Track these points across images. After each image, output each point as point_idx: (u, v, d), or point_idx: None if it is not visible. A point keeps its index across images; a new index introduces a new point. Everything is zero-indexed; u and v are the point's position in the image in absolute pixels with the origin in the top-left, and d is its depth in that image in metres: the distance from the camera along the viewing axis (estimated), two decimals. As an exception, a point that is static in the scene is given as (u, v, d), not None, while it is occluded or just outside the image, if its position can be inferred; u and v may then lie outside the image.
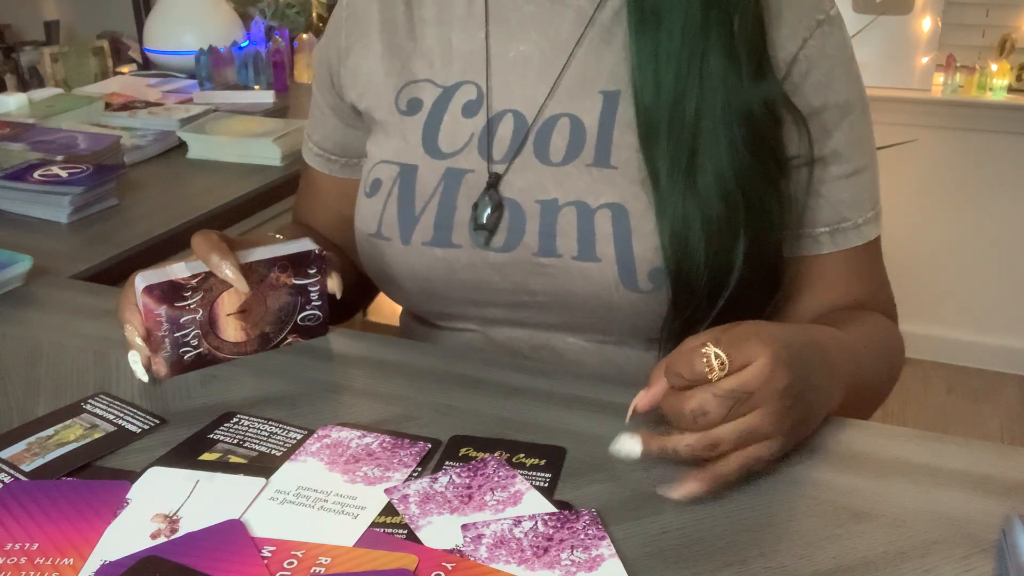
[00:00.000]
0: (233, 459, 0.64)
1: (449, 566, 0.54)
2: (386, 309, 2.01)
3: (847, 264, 0.83)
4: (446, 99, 0.84)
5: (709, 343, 0.59)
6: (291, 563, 0.54)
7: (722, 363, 0.58)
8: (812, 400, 0.63)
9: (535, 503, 0.59)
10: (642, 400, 0.62)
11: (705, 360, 0.58)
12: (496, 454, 0.64)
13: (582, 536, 0.56)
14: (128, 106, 1.70)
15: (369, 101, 0.87)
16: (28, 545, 0.55)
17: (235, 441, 0.66)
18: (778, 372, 0.59)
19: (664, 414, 0.61)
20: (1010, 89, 2.55)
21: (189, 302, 0.74)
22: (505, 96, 0.82)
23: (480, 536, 0.56)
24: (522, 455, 0.65)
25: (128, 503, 0.59)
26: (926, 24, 2.57)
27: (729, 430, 0.59)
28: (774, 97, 0.76)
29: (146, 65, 2.19)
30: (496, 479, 0.62)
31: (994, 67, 2.55)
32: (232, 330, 0.77)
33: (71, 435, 0.67)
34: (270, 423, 0.69)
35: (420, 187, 0.82)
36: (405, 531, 0.57)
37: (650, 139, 0.76)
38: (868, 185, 0.82)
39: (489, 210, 0.80)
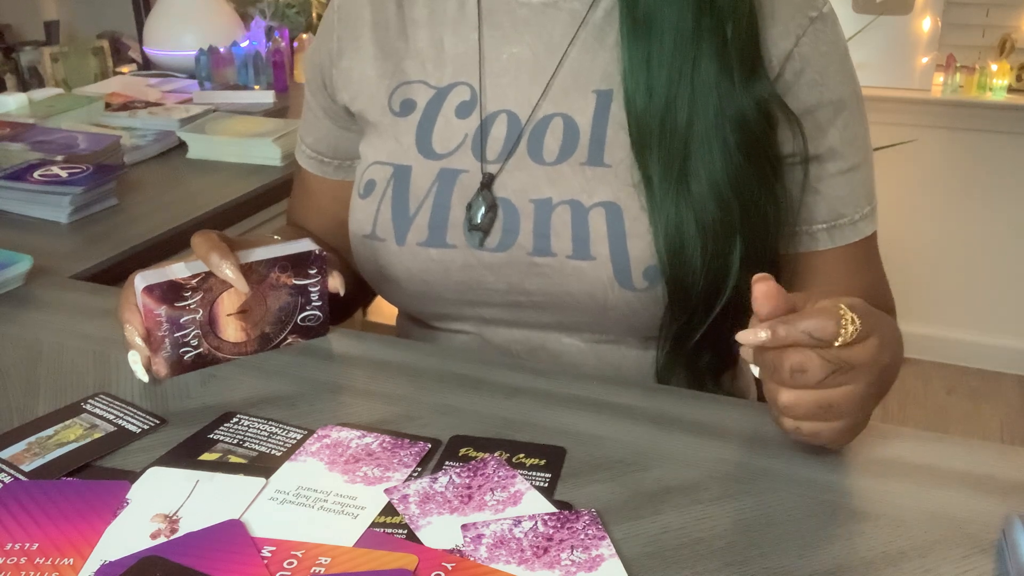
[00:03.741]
0: (233, 459, 0.64)
1: (449, 566, 0.54)
2: (386, 309, 2.00)
3: (845, 260, 0.83)
4: (439, 100, 0.84)
5: (845, 307, 0.58)
6: (291, 563, 0.54)
7: (854, 331, 0.58)
8: (878, 395, 0.63)
9: (535, 503, 0.59)
10: (749, 337, 0.59)
11: (843, 324, 0.58)
12: (496, 454, 0.64)
13: (582, 536, 0.56)
14: (128, 106, 1.70)
15: (362, 103, 0.87)
16: (28, 545, 0.55)
17: (235, 441, 0.66)
18: (883, 355, 0.60)
19: (758, 361, 0.61)
20: (1010, 89, 2.55)
21: (189, 302, 0.74)
22: (498, 97, 0.82)
23: (480, 536, 0.56)
24: (522, 455, 0.65)
25: (128, 503, 0.59)
26: (926, 24, 2.57)
27: (837, 395, 0.59)
28: (766, 98, 0.76)
29: (146, 65, 2.19)
30: (496, 479, 0.62)
31: (994, 67, 2.55)
32: (232, 330, 0.77)
33: (71, 435, 0.67)
34: (270, 423, 0.69)
35: (414, 188, 0.82)
36: (405, 531, 0.57)
37: (642, 144, 0.76)
38: (864, 181, 0.83)
39: (483, 210, 0.80)
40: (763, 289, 0.60)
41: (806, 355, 0.58)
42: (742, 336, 0.59)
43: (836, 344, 0.58)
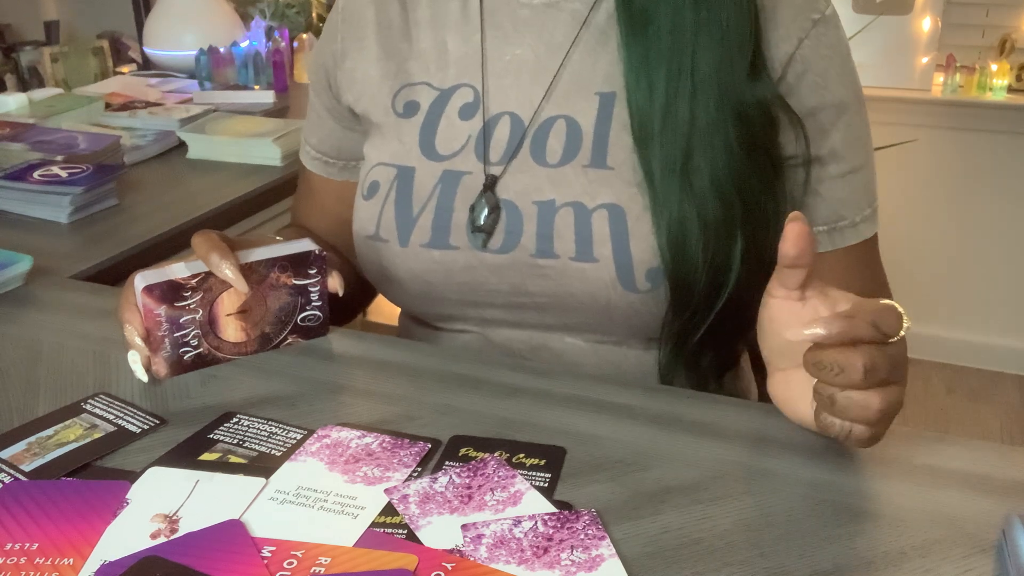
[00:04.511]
0: (233, 459, 0.64)
1: (449, 566, 0.54)
2: (386, 309, 2.00)
3: (845, 262, 0.83)
4: (443, 101, 0.84)
5: (897, 305, 0.59)
6: (291, 563, 0.54)
7: (907, 328, 0.59)
8: None
9: (535, 503, 0.59)
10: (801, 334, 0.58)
11: (902, 319, 0.58)
12: (496, 454, 0.64)
13: (582, 536, 0.56)
14: (128, 106, 1.70)
15: (366, 104, 0.87)
16: (28, 545, 0.55)
17: (235, 441, 0.66)
18: (907, 351, 0.61)
19: (820, 360, 0.58)
20: (1010, 89, 2.55)
21: (189, 302, 0.74)
22: (501, 99, 0.82)
23: (480, 536, 0.56)
24: (522, 455, 0.65)
25: (128, 503, 0.59)
26: (926, 24, 2.57)
27: (899, 394, 0.59)
28: (768, 98, 0.76)
29: (146, 65, 2.19)
30: (496, 479, 0.62)
31: (994, 67, 2.55)
32: (232, 330, 0.77)
33: (71, 435, 0.67)
34: (270, 423, 0.69)
35: (417, 189, 0.83)
36: (405, 531, 0.57)
37: (644, 141, 0.76)
38: (865, 183, 0.83)
39: (486, 212, 0.80)
40: (796, 229, 0.59)
41: (874, 353, 0.57)
42: (792, 335, 0.58)
43: (893, 340, 0.58)
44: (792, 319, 0.62)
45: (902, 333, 0.58)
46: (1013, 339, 2.73)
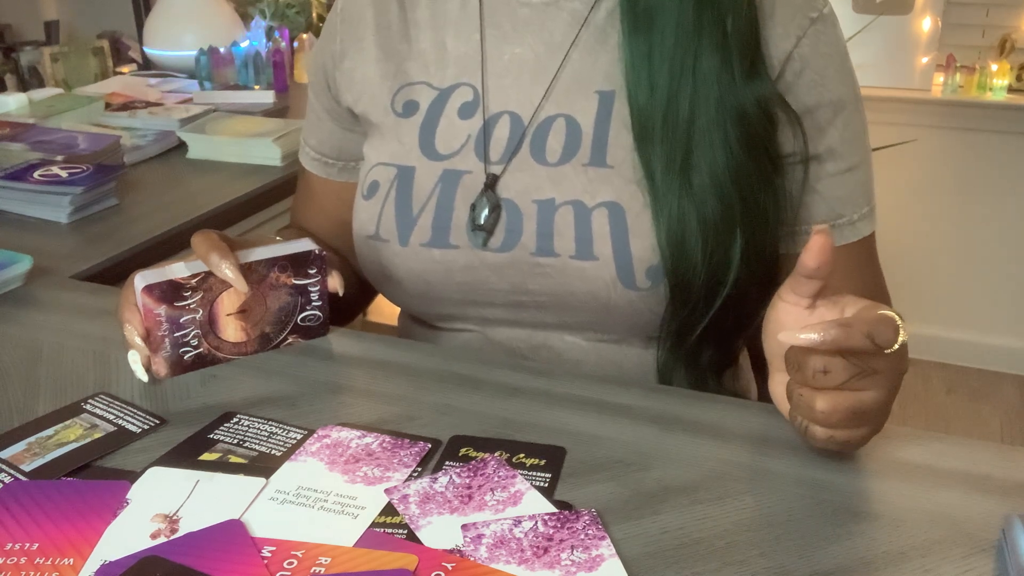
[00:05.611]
0: (233, 459, 0.64)
1: (449, 566, 0.54)
2: (386, 309, 2.00)
3: (843, 261, 0.83)
4: (442, 101, 0.84)
5: (897, 316, 0.58)
6: (291, 563, 0.54)
7: (903, 342, 0.58)
8: (892, 401, 0.63)
9: (535, 503, 0.59)
10: (792, 337, 0.58)
11: (899, 333, 0.58)
12: (496, 454, 0.64)
13: (582, 536, 0.56)
14: (128, 106, 1.70)
15: (365, 104, 0.87)
16: (28, 545, 0.55)
17: (235, 441, 0.66)
18: (903, 362, 0.60)
19: (787, 356, 0.60)
20: (1010, 89, 2.55)
21: (189, 302, 0.74)
22: (501, 98, 0.82)
23: (480, 536, 0.56)
24: (522, 455, 0.65)
25: (128, 503, 0.59)
26: (926, 24, 2.57)
27: (867, 401, 0.58)
28: (767, 96, 0.76)
29: (146, 65, 2.19)
30: (496, 479, 0.62)
31: (994, 67, 2.55)
32: (232, 330, 0.77)
33: (71, 435, 0.67)
34: (270, 423, 0.69)
35: (417, 189, 0.83)
36: (405, 531, 0.57)
37: (645, 139, 0.76)
38: (863, 181, 0.83)
39: (487, 211, 0.80)
40: (820, 242, 0.60)
41: (830, 357, 0.57)
42: (785, 336, 0.58)
43: (887, 352, 0.58)
44: (796, 324, 0.62)
45: (896, 347, 0.58)
46: (1013, 339, 2.73)
